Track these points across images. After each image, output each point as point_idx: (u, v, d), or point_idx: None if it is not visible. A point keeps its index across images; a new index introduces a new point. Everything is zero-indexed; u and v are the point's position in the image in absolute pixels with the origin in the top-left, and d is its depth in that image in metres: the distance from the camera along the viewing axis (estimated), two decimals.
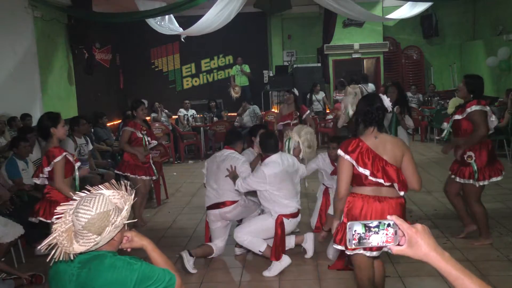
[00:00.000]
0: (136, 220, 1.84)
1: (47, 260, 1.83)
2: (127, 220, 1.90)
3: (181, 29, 10.39)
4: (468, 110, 4.71)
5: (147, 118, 12.20)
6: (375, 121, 3.18)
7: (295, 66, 13.23)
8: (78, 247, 1.82)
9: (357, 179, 3.16)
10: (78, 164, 4.70)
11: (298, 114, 7.58)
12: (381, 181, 3.08)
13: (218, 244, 4.93)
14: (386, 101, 3.26)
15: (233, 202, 4.82)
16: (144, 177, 6.14)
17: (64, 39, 10.62)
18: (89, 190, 1.92)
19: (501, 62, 11.49)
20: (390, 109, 3.30)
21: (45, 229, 5.44)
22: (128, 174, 6.07)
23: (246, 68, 13.25)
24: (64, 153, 4.41)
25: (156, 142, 6.51)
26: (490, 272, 4.26)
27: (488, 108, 4.74)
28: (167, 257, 2.08)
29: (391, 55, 14.35)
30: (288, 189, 4.54)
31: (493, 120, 4.80)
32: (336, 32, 13.25)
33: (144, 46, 14.12)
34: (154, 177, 6.37)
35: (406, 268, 4.37)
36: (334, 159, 5.08)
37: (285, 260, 4.53)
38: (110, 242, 1.89)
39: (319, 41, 13.77)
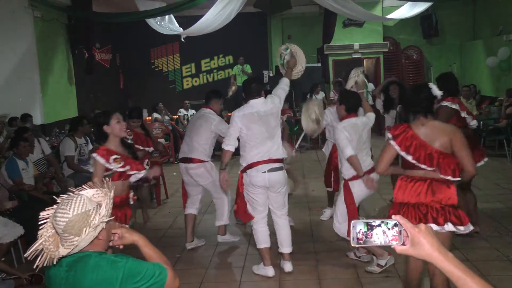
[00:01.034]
0: (113, 217, 1.83)
1: (34, 266, 1.80)
2: (108, 217, 1.85)
3: (181, 29, 10.40)
4: (436, 106, 4.70)
5: (148, 118, 12.26)
6: (422, 110, 3.24)
7: None
8: (63, 250, 1.80)
9: (405, 163, 3.28)
10: (139, 173, 3.79)
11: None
12: (424, 166, 3.16)
13: (193, 207, 5.33)
14: (435, 90, 3.31)
15: (200, 161, 5.10)
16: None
17: (64, 39, 10.63)
18: (72, 192, 1.89)
19: (501, 62, 11.50)
20: (439, 96, 3.37)
21: None
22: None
23: (248, 69, 13.25)
24: (104, 161, 3.59)
25: (151, 149, 5.77)
26: (490, 272, 4.26)
27: (457, 105, 4.73)
28: (160, 252, 2.05)
29: (391, 55, 14.35)
30: (258, 132, 4.30)
31: (466, 116, 4.80)
32: (336, 32, 13.25)
33: (144, 46, 14.13)
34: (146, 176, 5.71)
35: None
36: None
37: (270, 271, 4.50)
38: (96, 242, 1.86)
39: (319, 41, 13.77)
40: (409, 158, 3.18)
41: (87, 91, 11.54)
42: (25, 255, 1.85)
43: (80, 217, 1.78)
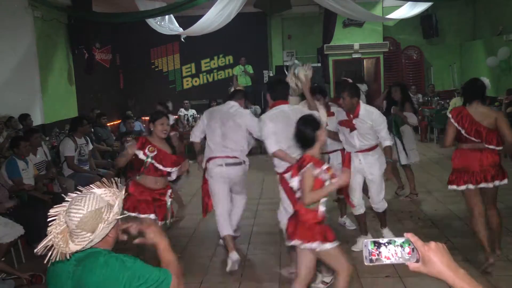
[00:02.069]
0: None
1: (45, 261, 1.83)
2: (120, 215, 1.92)
3: (181, 29, 10.40)
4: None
5: (148, 118, 12.23)
6: (479, 96, 4.25)
7: None
8: (74, 247, 1.85)
9: (458, 136, 4.26)
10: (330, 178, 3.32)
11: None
12: (473, 138, 4.15)
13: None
14: (486, 82, 4.33)
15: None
16: (150, 215, 4.25)
17: (64, 39, 10.63)
18: (80, 191, 1.94)
19: (501, 62, 11.50)
20: (489, 87, 4.33)
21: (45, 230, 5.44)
22: (132, 213, 4.18)
23: (250, 69, 13.25)
24: (319, 171, 3.26)
25: (174, 170, 4.39)
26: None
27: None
28: (175, 258, 2.07)
29: (391, 55, 14.35)
30: (213, 130, 4.84)
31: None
32: (336, 32, 13.25)
33: (144, 46, 14.12)
34: (164, 222, 4.39)
35: (406, 268, 4.35)
36: (349, 109, 4.72)
37: (234, 255, 4.67)
38: (105, 239, 1.91)
39: (319, 41, 13.77)
40: (463, 131, 4.16)
41: (87, 91, 11.53)
42: (35, 251, 1.87)
43: (93, 214, 1.84)
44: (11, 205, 5.28)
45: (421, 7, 11.52)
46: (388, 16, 12.06)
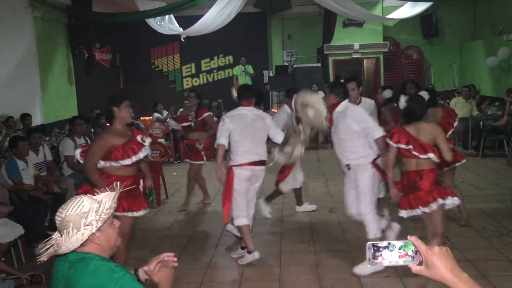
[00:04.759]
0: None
1: (39, 259, 1.87)
2: (101, 222, 1.86)
3: (181, 29, 10.41)
4: None
5: (148, 118, 12.24)
6: (418, 117, 4.11)
7: (295, 66, 13.23)
8: (62, 247, 1.87)
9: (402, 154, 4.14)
10: None
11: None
12: (416, 153, 3.98)
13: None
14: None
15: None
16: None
17: (64, 39, 10.63)
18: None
19: (501, 62, 11.49)
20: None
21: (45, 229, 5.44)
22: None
23: (250, 69, 13.24)
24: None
25: None
26: (490, 272, 4.26)
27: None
28: None
29: (391, 55, 14.35)
30: (243, 135, 4.73)
31: None
32: (336, 32, 13.25)
33: (144, 46, 14.12)
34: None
35: (406, 268, 4.36)
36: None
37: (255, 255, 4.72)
38: (93, 245, 1.88)
39: (319, 41, 13.77)
40: (409, 147, 4.04)
41: (87, 91, 11.53)
42: (37, 248, 1.89)
43: (71, 218, 1.82)
44: (8, 211, 5.22)
45: (421, 7, 11.52)
46: (388, 16, 12.06)
